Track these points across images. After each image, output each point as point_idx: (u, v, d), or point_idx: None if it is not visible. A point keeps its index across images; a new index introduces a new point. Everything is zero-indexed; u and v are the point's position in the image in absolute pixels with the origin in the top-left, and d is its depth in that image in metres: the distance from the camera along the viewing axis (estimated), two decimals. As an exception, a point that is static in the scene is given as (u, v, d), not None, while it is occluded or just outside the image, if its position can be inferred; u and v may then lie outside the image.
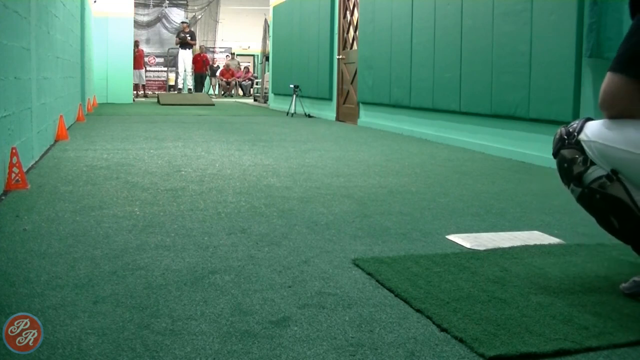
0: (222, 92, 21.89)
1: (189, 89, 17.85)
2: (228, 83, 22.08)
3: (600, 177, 1.86)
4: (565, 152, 1.93)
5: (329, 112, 10.73)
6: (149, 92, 20.68)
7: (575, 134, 1.91)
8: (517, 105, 5.40)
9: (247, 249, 2.40)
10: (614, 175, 1.84)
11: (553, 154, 2.00)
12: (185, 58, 17.70)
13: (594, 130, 1.89)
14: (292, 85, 11.52)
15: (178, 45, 17.69)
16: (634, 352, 1.54)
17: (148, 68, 21.65)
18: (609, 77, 1.84)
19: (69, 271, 2.07)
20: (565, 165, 1.93)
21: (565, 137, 1.94)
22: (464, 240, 2.58)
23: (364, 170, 4.57)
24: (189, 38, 17.19)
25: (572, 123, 1.98)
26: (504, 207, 3.32)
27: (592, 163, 1.88)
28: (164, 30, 23.74)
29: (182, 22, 18.28)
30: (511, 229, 2.82)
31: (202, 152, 5.45)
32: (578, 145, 1.90)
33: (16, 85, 3.92)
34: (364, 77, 8.91)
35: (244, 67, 23.14)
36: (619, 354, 1.53)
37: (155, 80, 23.07)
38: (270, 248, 2.42)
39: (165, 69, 22.80)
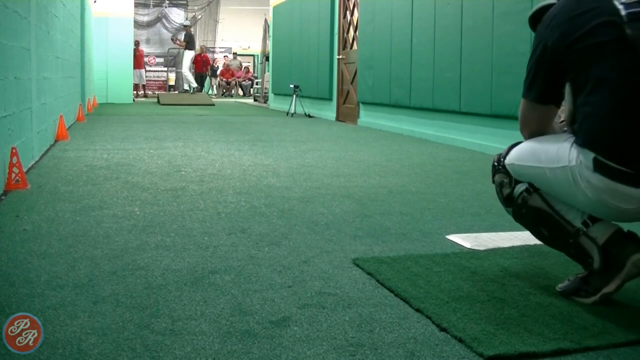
0: (222, 92, 21.88)
1: (194, 88, 17.67)
2: (228, 83, 22.07)
3: (522, 192, 1.96)
4: (497, 177, 2.05)
5: (329, 112, 10.73)
6: (149, 92, 20.67)
7: (502, 159, 2.03)
8: (517, 105, 5.38)
9: (247, 249, 2.41)
10: (531, 187, 1.93)
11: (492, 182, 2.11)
12: (187, 58, 17.65)
13: (512, 153, 2.00)
14: (292, 85, 11.52)
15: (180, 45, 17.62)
16: (633, 352, 1.54)
17: (148, 68, 21.62)
18: (521, 101, 1.95)
19: (69, 271, 2.07)
20: (498, 189, 2.05)
21: (496, 163, 2.06)
22: (464, 240, 2.58)
23: (364, 170, 4.57)
24: (185, 41, 17.00)
25: (504, 150, 2.09)
26: (503, 207, 3.32)
27: (517, 182, 1.98)
28: (164, 30, 23.70)
29: (185, 26, 18.22)
30: (511, 229, 2.82)
31: (202, 152, 5.45)
32: (504, 169, 2.02)
33: (16, 85, 3.93)
34: (364, 77, 8.91)
35: (244, 67, 23.12)
36: (618, 353, 1.53)
37: (155, 80, 23.05)
38: (270, 248, 2.42)
39: (165, 69, 22.79)
